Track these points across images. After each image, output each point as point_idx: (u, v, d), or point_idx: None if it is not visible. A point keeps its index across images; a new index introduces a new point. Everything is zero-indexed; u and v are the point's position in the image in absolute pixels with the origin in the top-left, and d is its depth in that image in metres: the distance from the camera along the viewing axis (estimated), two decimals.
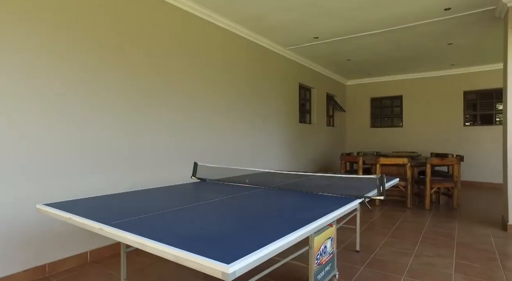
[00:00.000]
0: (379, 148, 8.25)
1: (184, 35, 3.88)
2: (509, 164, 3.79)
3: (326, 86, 7.81)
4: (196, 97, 4.05)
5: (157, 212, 1.60)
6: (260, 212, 1.65)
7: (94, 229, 1.35)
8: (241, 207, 1.76)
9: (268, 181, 2.66)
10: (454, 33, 4.95)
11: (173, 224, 1.37)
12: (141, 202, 1.87)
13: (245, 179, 2.70)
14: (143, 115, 3.35)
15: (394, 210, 4.88)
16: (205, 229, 1.29)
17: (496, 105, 7.20)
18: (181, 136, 3.82)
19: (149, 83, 3.43)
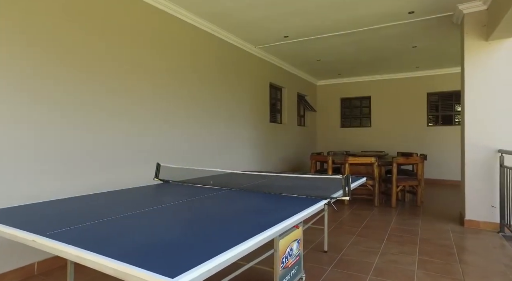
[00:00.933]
0: (349, 147, 8.41)
1: (148, 29, 3.69)
2: (467, 162, 3.95)
3: (297, 86, 7.84)
4: (163, 95, 3.87)
5: (105, 219, 1.46)
6: (221, 215, 1.55)
7: (27, 241, 1.18)
8: (201, 211, 1.65)
9: (234, 182, 2.56)
10: (417, 36, 5.11)
11: (120, 233, 1.23)
12: (89, 207, 1.71)
13: (210, 180, 2.59)
14: (105, 112, 3.13)
15: (363, 208, 4.95)
16: (155, 238, 1.17)
17: (455, 106, 7.56)
18: (146, 136, 3.63)
19: (111, 79, 3.22)
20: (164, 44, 3.92)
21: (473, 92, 3.94)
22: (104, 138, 3.14)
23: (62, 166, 2.76)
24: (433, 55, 6.27)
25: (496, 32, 3.65)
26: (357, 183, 2.59)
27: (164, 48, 3.93)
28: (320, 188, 2.17)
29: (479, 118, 3.89)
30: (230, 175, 2.92)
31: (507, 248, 3.22)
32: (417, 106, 7.83)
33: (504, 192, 3.59)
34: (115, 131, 3.26)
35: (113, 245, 1.08)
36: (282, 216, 1.56)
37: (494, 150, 3.77)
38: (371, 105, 8.39)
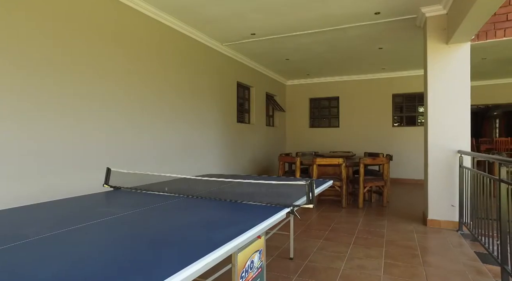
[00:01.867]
0: (318, 148, 8.44)
1: (107, 23, 3.38)
2: (429, 163, 4.01)
3: (266, 86, 7.73)
4: (119, 92, 3.56)
5: (18, 242, 1.21)
6: (171, 230, 1.35)
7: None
8: (146, 226, 1.44)
9: (191, 188, 2.36)
10: (383, 38, 5.16)
11: (34, 261, 1.00)
12: (5, 225, 1.44)
13: (166, 186, 2.37)
14: (49, 109, 2.80)
15: (330, 210, 4.92)
16: (77, 267, 0.96)
17: (418, 108, 7.81)
18: (99, 137, 3.32)
19: (58, 73, 2.89)
20: (123, 38, 3.62)
21: (435, 94, 4.01)
22: (45, 138, 2.81)
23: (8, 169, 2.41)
24: (398, 57, 6.40)
25: (455, 37, 3.73)
26: (322, 188, 2.48)
27: (124, 42, 3.62)
28: (284, 194, 2.03)
29: (441, 120, 3.96)
30: (188, 180, 2.70)
31: (464, 246, 3.28)
32: (383, 107, 8.00)
33: (463, 191, 3.67)
34: (58, 130, 2.93)
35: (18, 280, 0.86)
36: (239, 229, 1.40)
37: (454, 151, 3.85)
38: (339, 105, 8.47)
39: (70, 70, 3.06)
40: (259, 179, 2.81)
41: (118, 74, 3.59)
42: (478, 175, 3.17)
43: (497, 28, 3.86)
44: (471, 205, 3.48)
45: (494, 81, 8.48)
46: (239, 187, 2.25)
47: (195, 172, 4.95)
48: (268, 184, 2.21)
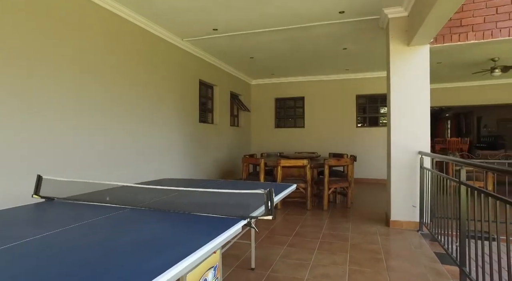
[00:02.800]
0: (283, 148, 8.36)
1: (53, 12, 2.96)
2: (392, 164, 4.02)
3: (230, 85, 7.50)
4: (64, 89, 3.16)
5: None
6: (95, 257, 1.09)
7: None
8: (76, 249, 1.16)
9: (137, 198, 2.08)
10: (348, 38, 5.14)
11: None
12: None
13: (107, 196, 2.07)
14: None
15: (295, 212, 4.80)
16: None
17: (381, 109, 8.00)
18: (35, 138, 2.91)
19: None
20: (70, 28, 3.21)
21: (397, 95, 4.02)
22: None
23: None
24: (362, 58, 6.46)
25: (415, 39, 3.75)
26: (284, 193, 2.31)
27: (71, 33, 3.22)
28: (242, 204, 1.83)
29: (403, 121, 3.98)
30: (135, 188, 2.41)
31: (424, 247, 3.29)
32: (347, 107, 8.09)
33: (423, 192, 3.71)
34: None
35: None
36: (185, 251, 1.17)
37: (415, 152, 3.88)
38: (304, 105, 8.45)
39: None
40: (215, 185, 2.59)
41: (61, 68, 3.18)
42: (438, 176, 3.19)
43: (452, 32, 3.95)
44: (430, 206, 3.52)
45: (447, 84, 8.92)
46: (191, 196, 2.01)
47: (152, 176, 4.61)
48: (224, 193, 2.00)
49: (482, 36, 3.87)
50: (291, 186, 2.56)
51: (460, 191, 2.38)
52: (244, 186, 2.68)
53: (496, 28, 3.85)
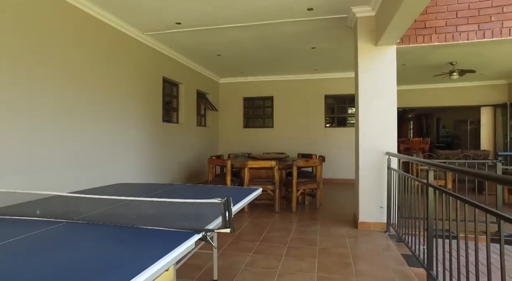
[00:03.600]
0: (252, 149, 8.19)
1: None
2: (360, 164, 3.98)
3: (197, 83, 7.21)
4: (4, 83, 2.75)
5: None
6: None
7: None
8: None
9: (77, 209, 1.79)
10: (316, 37, 5.07)
11: None
12: None
13: (37, 208, 1.76)
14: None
15: (263, 215, 4.65)
16: None
17: (348, 109, 8.08)
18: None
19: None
20: (18, 17, 2.81)
21: (365, 95, 3.98)
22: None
23: None
24: (331, 58, 6.44)
25: (383, 39, 3.73)
26: (248, 199, 2.12)
27: (19, 23, 2.82)
28: (199, 214, 1.61)
29: (370, 121, 3.94)
30: (73, 198, 2.10)
31: (392, 249, 3.26)
32: (316, 107, 8.09)
33: (390, 193, 3.69)
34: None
35: None
36: (129, 272, 0.94)
37: (383, 153, 3.86)
38: (273, 105, 8.34)
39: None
40: (174, 190, 2.35)
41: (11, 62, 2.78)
42: (404, 176, 3.16)
43: (417, 34, 3.98)
44: (397, 206, 3.50)
45: (411, 86, 9.22)
46: (139, 206, 1.76)
47: (110, 180, 4.24)
48: (178, 202, 1.77)
49: (444, 38, 3.93)
50: (255, 191, 2.38)
51: (428, 193, 2.33)
52: (205, 191, 2.47)
53: (456, 31, 3.93)
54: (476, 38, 3.88)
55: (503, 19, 3.85)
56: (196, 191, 2.49)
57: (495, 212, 1.50)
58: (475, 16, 3.89)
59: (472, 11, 3.90)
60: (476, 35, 3.88)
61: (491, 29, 3.87)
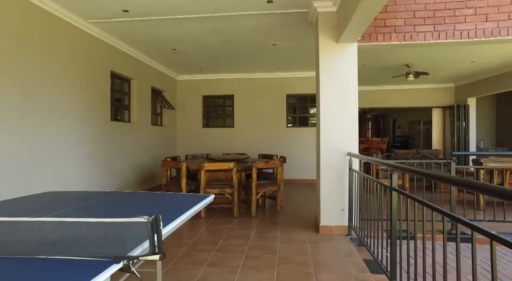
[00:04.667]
0: (212, 149, 7.82)
1: None
2: (321, 165, 3.83)
3: (152, 79, 6.71)
4: None
5: None
6: None
7: None
8: None
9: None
10: (277, 32, 4.87)
11: None
12: None
13: None
14: None
15: (221, 221, 4.35)
16: None
17: (310, 109, 8.02)
18: None
19: None
20: None
21: (326, 94, 3.84)
22: None
23: None
24: (292, 56, 6.29)
25: (344, 35, 3.60)
26: (194, 210, 1.82)
27: None
28: (121, 237, 1.28)
29: (332, 121, 3.81)
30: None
31: (353, 254, 3.13)
32: (277, 107, 7.93)
33: (352, 195, 3.57)
34: None
35: None
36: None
37: (344, 153, 3.74)
38: (234, 104, 8.06)
39: None
40: (108, 200, 1.98)
41: None
42: (366, 178, 3.04)
43: (378, 32, 3.92)
44: (358, 209, 3.39)
45: (369, 87, 9.42)
46: (46, 228, 1.38)
47: (48, 186, 3.69)
48: (94, 222, 1.41)
49: (403, 38, 3.91)
50: (204, 200, 2.08)
51: (392, 197, 2.18)
52: (148, 200, 2.12)
53: (414, 31, 3.92)
54: (432, 39, 3.90)
55: (455, 22, 3.91)
56: (138, 200, 2.13)
57: (453, 215, 1.39)
58: (431, 17, 3.91)
59: (428, 12, 3.91)
60: (432, 36, 3.90)
61: (445, 31, 3.92)
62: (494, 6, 3.90)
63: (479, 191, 1.25)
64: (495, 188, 1.12)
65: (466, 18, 3.89)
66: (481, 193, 1.13)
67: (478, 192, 1.32)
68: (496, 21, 3.90)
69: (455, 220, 1.45)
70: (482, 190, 1.19)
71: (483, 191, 1.19)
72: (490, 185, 1.15)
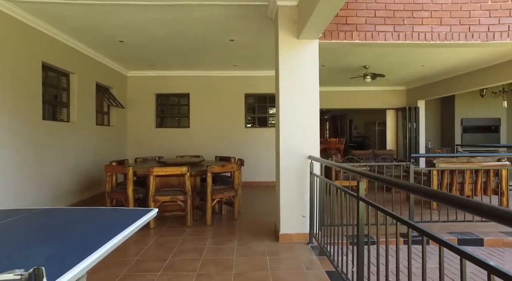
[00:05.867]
0: (166, 151, 7.28)
1: None
2: (281, 169, 3.60)
3: (97, 74, 6.04)
4: None
5: None
6: None
7: None
8: None
9: None
10: (234, 27, 4.55)
11: None
12: None
13: None
14: None
15: (172, 232, 3.93)
16: None
17: (269, 109, 7.81)
18: None
19: None
20: None
21: (287, 94, 3.61)
22: None
23: None
24: (251, 53, 6.01)
25: (305, 31, 3.39)
26: (131, 231, 1.44)
27: None
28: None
29: (292, 123, 3.58)
30: None
31: (315, 265, 2.93)
32: (236, 107, 7.61)
33: (313, 201, 3.37)
34: None
35: None
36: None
37: (305, 156, 3.53)
38: (190, 103, 7.59)
39: None
40: (14, 221, 1.51)
41: None
42: (329, 185, 2.84)
43: (339, 29, 3.78)
44: (319, 215, 3.19)
45: (328, 88, 9.46)
46: None
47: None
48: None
49: (364, 37, 3.81)
50: (145, 216, 1.71)
51: (359, 207, 1.97)
52: (66, 222, 1.68)
53: (375, 31, 3.84)
54: (392, 39, 3.84)
55: (413, 23, 3.89)
56: (47, 223, 1.67)
57: (407, 221, 1.20)
58: (391, 17, 3.85)
59: (388, 12, 3.85)
60: (392, 36, 3.85)
61: (404, 32, 3.88)
62: (447, 10, 3.95)
63: (440, 201, 1.23)
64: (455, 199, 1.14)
65: (423, 20, 3.88)
66: (442, 203, 1.17)
67: (439, 201, 1.30)
68: (449, 25, 3.95)
69: (408, 226, 1.48)
70: (443, 199, 1.19)
71: (443, 200, 1.20)
72: (452, 196, 1.16)
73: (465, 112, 10.15)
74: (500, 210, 0.87)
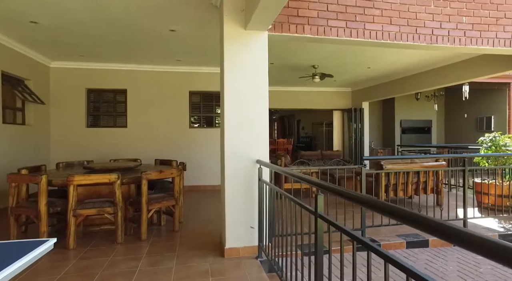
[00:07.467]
0: (98, 154, 6.41)
1: None
2: (227, 175, 3.19)
3: (2, 62, 5.02)
4: None
5: None
6: None
7: None
8: None
9: None
10: (174, 15, 4.02)
11: None
12: None
13: None
14: None
15: (98, 251, 3.29)
16: None
17: (216, 108, 7.35)
18: None
19: None
20: None
21: (233, 92, 3.21)
22: None
23: None
24: (195, 48, 5.51)
25: (252, 21, 3.03)
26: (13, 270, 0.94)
27: None
28: None
29: (239, 123, 3.19)
30: None
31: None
32: (179, 105, 7.01)
33: (262, 210, 3.02)
34: None
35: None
36: None
37: (253, 161, 3.16)
38: (127, 100, 6.80)
39: None
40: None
41: None
42: (281, 195, 2.51)
43: (290, 22, 3.49)
44: (270, 225, 2.86)
45: (276, 87, 9.29)
46: None
47: None
48: None
49: (316, 31, 3.56)
50: (31, 253, 1.20)
51: (317, 224, 1.65)
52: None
53: (327, 25, 3.62)
54: (344, 35, 3.66)
55: (365, 21, 3.76)
56: None
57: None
58: (343, 13, 3.67)
59: (340, 7, 3.66)
60: (344, 32, 3.67)
61: (356, 29, 3.73)
62: (396, 10, 3.89)
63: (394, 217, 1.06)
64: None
65: (374, 18, 3.77)
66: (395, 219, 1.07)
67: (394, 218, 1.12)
68: (398, 26, 3.90)
69: (353, 238, 1.38)
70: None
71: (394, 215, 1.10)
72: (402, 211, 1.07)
73: (403, 114, 10.76)
74: None
